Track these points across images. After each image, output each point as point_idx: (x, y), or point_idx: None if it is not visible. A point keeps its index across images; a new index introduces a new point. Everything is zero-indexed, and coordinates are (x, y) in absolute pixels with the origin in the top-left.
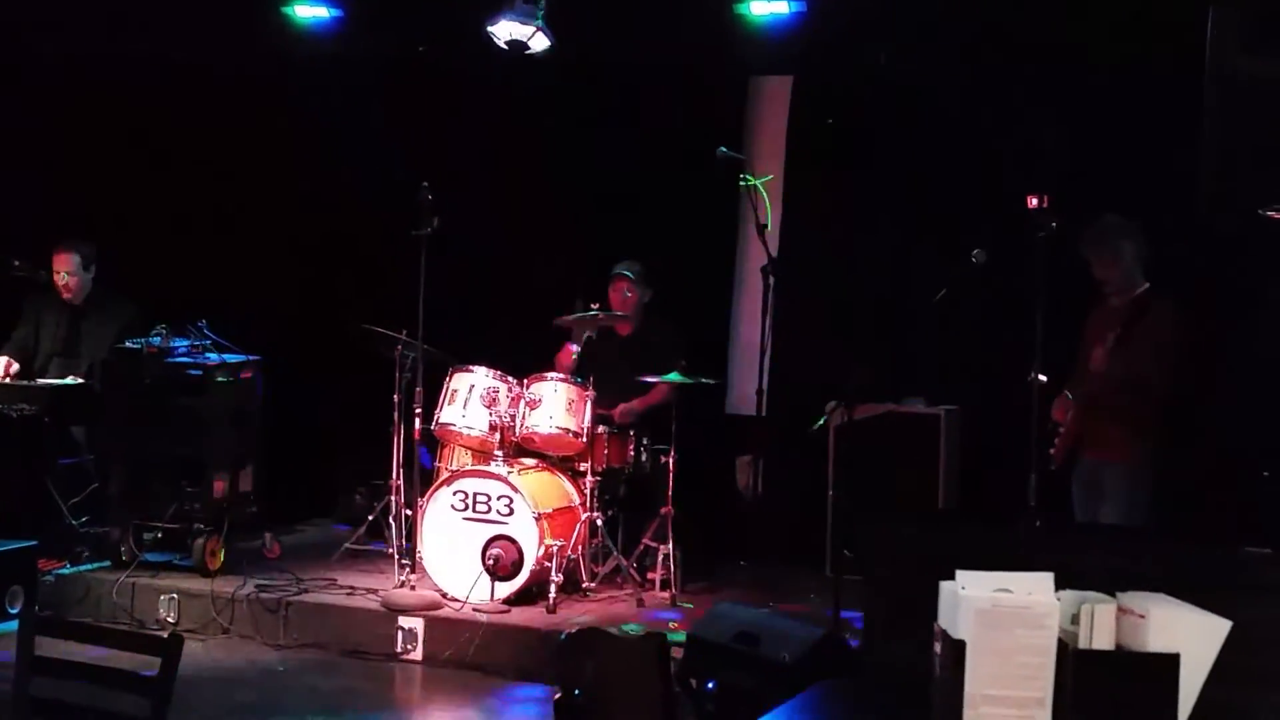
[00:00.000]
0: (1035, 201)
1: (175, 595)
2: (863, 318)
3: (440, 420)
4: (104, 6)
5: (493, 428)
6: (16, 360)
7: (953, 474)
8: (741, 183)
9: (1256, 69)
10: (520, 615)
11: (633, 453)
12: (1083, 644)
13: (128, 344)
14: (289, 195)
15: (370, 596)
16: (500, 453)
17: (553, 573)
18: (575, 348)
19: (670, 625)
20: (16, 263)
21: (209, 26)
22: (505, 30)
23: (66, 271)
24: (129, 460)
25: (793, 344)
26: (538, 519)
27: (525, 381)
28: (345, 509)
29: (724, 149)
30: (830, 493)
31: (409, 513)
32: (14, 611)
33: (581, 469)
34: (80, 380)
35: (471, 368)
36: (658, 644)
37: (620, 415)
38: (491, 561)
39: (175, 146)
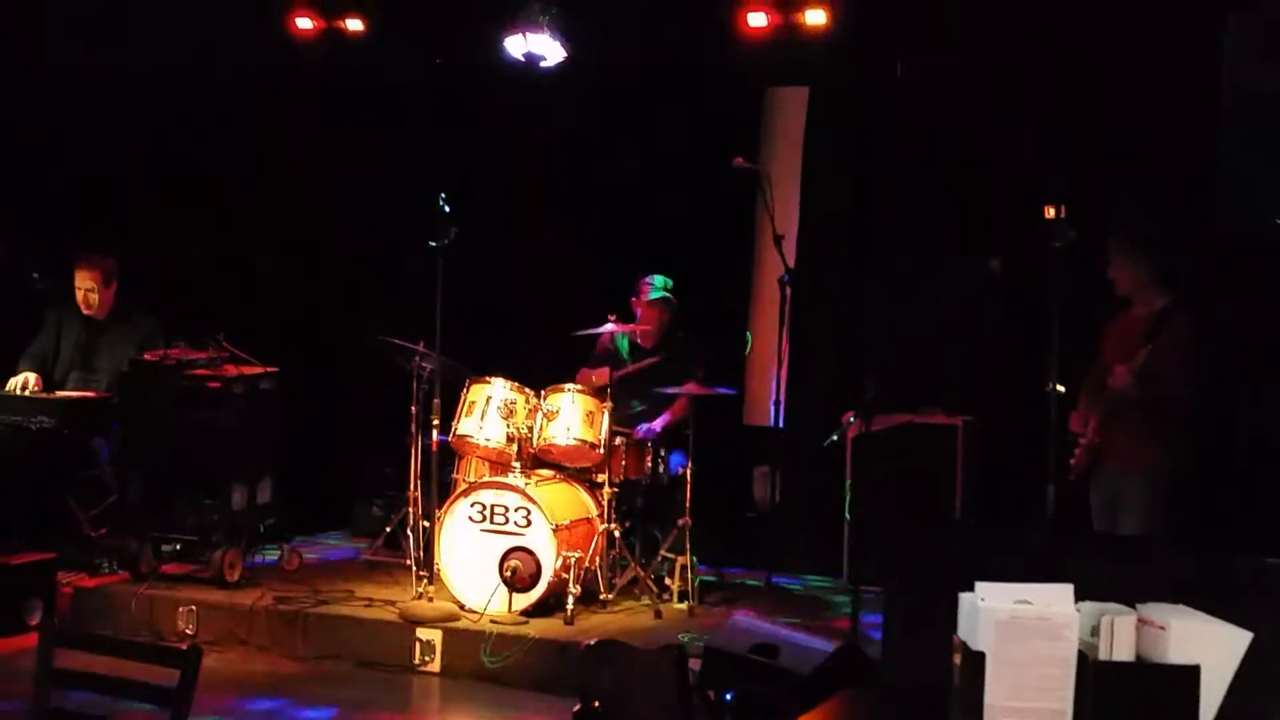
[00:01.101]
0: (1051, 212)
1: (194, 607)
2: (880, 328)
3: (457, 432)
4: (123, 15)
5: (510, 439)
6: (37, 372)
7: (971, 484)
8: None
9: (1274, 78)
10: (538, 627)
11: (650, 464)
12: (1103, 656)
13: (146, 357)
14: (306, 207)
15: (388, 608)
16: (518, 464)
17: (570, 584)
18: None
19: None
20: (36, 275)
21: (227, 37)
22: (520, 42)
23: (87, 286)
24: (147, 472)
25: (810, 355)
26: (555, 530)
27: (542, 393)
28: (363, 521)
29: (740, 159)
30: (847, 503)
31: (426, 524)
32: (33, 623)
33: (599, 480)
34: (99, 393)
35: (489, 379)
36: (676, 655)
37: (642, 437)
38: (509, 573)
39: (193, 159)
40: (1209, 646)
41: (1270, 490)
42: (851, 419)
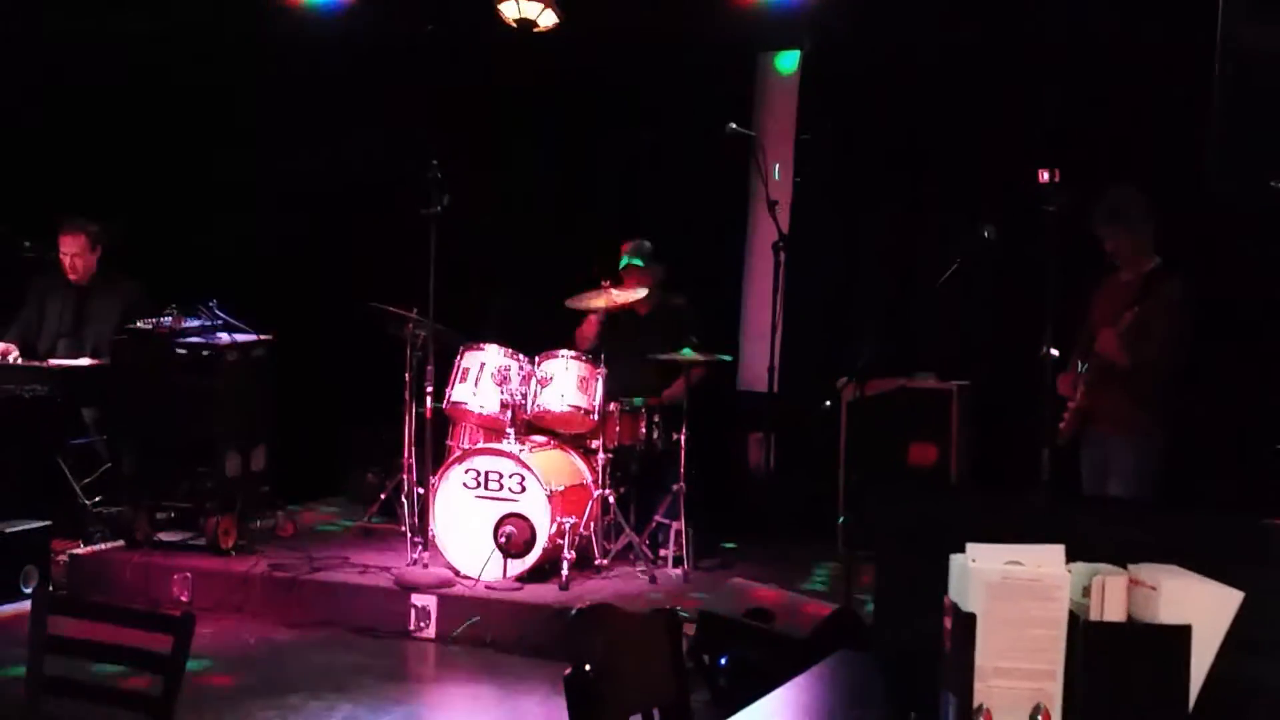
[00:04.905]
0: (1045, 176)
1: (188, 574)
2: (874, 293)
3: (452, 398)
4: None
5: (504, 406)
6: (20, 342)
7: (965, 448)
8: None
9: (1267, 39)
10: (533, 592)
11: (644, 430)
12: (1094, 616)
13: (139, 324)
14: (299, 174)
15: (383, 574)
16: (512, 430)
17: (565, 550)
18: (595, 319)
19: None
20: (27, 244)
21: (217, 4)
22: (513, 8)
23: (73, 252)
24: (141, 440)
25: (804, 320)
26: (550, 496)
27: (536, 359)
28: (357, 488)
29: (733, 125)
30: (842, 468)
31: (421, 491)
32: (28, 591)
33: (593, 446)
34: (91, 361)
35: (483, 346)
36: (668, 620)
37: (668, 399)
38: (504, 539)
39: (183, 125)
40: (1200, 606)
41: (1259, 451)
42: (846, 384)
